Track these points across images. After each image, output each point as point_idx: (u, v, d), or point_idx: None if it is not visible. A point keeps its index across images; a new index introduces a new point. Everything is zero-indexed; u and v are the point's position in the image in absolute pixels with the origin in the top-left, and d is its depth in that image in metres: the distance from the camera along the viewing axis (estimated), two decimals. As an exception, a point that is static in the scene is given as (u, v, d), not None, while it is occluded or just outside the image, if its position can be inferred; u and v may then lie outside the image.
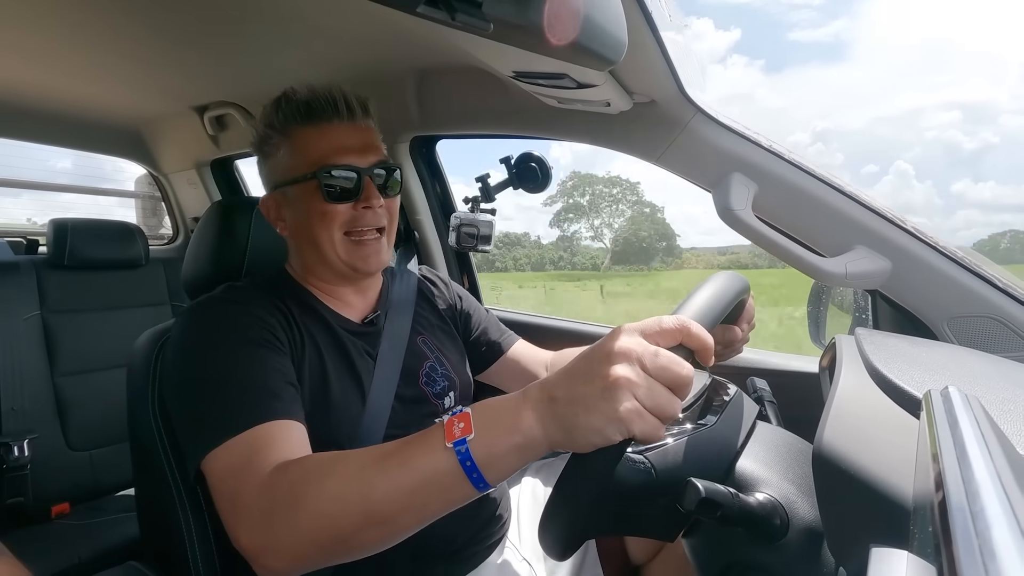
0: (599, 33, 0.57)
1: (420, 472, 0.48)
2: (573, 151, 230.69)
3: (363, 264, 0.78)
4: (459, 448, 0.46)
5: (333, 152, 0.75)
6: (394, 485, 0.48)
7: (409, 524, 0.50)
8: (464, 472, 0.46)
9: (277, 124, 0.76)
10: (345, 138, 0.76)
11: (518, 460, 0.47)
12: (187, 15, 1.02)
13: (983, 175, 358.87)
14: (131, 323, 1.64)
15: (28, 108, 1.57)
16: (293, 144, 0.76)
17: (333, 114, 0.75)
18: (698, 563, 0.59)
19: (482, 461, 0.46)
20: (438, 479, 0.47)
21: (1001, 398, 0.46)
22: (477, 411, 0.48)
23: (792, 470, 0.55)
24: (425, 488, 0.48)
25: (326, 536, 0.50)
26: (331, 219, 0.75)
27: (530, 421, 0.46)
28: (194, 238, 0.92)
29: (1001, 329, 0.78)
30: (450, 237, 1.30)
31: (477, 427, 0.47)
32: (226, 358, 0.66)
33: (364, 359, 0.80)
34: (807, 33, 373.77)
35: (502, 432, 0.46)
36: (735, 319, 0.75)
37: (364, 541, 0.51)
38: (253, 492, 0.55)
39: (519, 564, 0.85)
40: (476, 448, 0.46)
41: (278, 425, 0.61)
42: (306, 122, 0.75)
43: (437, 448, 0.47)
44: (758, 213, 0.88)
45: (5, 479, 1.36)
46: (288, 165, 0.77)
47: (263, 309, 0.73)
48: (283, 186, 0.78)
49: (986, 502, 0.22)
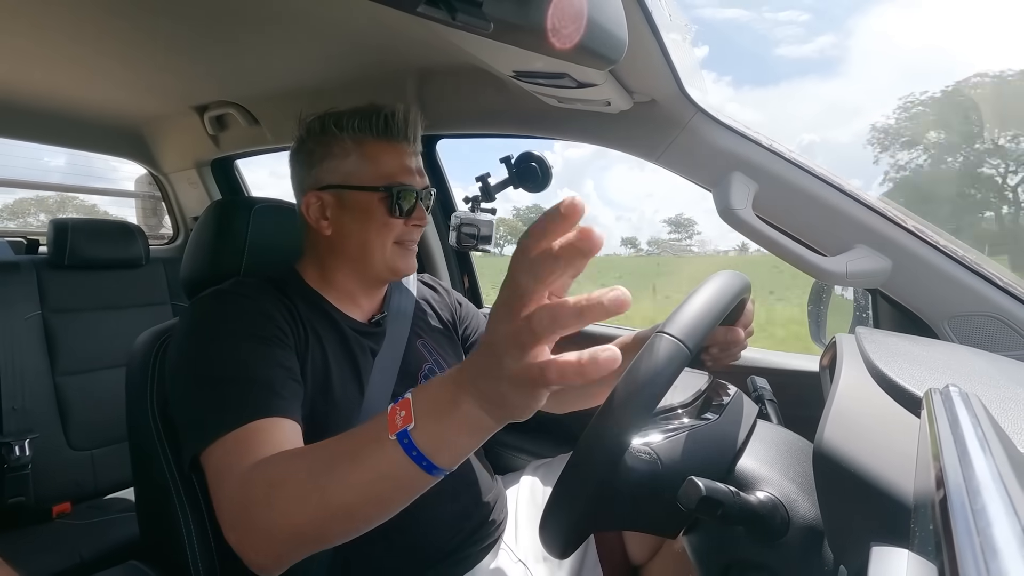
0: (600, 33, 0.57)
1: (370, 466, 0.48)
2: (565, 158, 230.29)
3: (404, 268, 0.84)
4: (403, 440, 0.45)
5: (402, 171, 0.81)
6: (348, 481, 0.48)
7: (373, 514, 0.50)
8: (414, 462, 0.45)
9: (351, 130, 0.80)
10: (409, 160, 0.83)
11: (468, 441, 0.45)
12: (187, 15, 1.02)
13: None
14: (131, 323, 1.64)
15: (28, 108, 1.57)
16: (365, 154, 0.80)
17: (403, 137, 0.82)
18: (699, 562, 0.59)
19: (428, 448, 0.45)
20: (390, 471, 0.47)
21: (1002, 397, 0.46)
22: (417, 397, 0.46)
23: (793, 469, 0.55)
24: (380, 481, 0.48)
25: (292, 535, 0.52)
26: (389, 230, 0.81)
27: (467, 404, 0.43)
28: (192, 238, 0.92)
29: (1002, 328, 0.78)
30: (450, 237, 1.30)
31: (418, 415, 0.45)
32: (231, 352, 0.67)
33: (367, 357, 0.81)
34: (793, 48, 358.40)
35: (442, 417, 0.44)
36: (735, 320, 0.75)
37: (332, 535, 0.52)
38: (233, 488, 0.57)
39: (514, 566, 0.84)
40: (419, 437, 0.45)
41: (272, 422, 0.62)
42: (380, 137, 0.81)
43: (382, 440, 0.46)
44: (758, 212, 0.88)
45: (6, 479, 1.36)
46: (355, 172, 0.80)
47: (270, 304, 0.74)
48: (344, 188, 0.80)
49: (987, 500, 0.22)
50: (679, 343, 0.53)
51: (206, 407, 0.64)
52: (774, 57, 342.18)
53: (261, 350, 0.68)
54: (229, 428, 0.60)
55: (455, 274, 1.61)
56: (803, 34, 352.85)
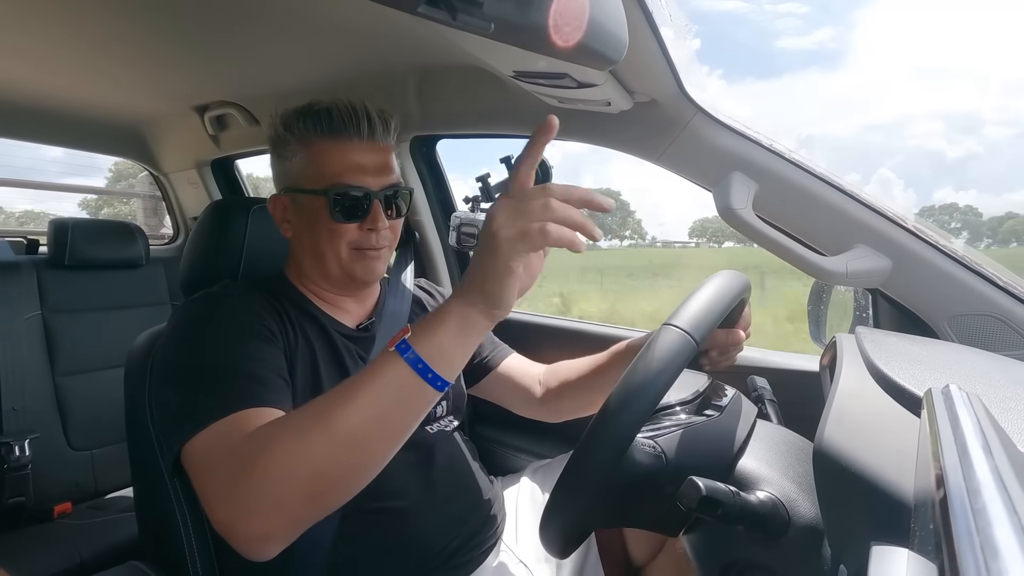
0: (600, 32, 0.57)
1: (372, 385, 0.51)
2: (564, 153, 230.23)
3: (363, 274, 0.79)
4: (402, 349, 0.50)
5: (347, 170, 0.75)
6: (350, 405, 0.50)
7: (376, 440, 0.52)
8: (413, 369, 0.50)
9: (296, 130, 0.76)
10: (361, 157, 0.75)
11: (460, 344, 0.52)
12: (188, 15, 1.02)
13: (965, 184, 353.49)
14: (131, 323, 1.64)
15: (29, 108, 1.57)
16: (310, 154, 0.76)
17: (353, 131, 0.75)
18: (699, 561, 0.59)
19: (426, 353, 0.50)
20: (390, 385, 0.51)
21: (1002, 396, 0.46)
22: (414, 324, 0.53)
23: (793, 468, 0.55)
24: (380, 397, 0.51)
25: (300, 474, 0.50)
26: (337, 236, 0.76)
27: (457, 305, 0.52)
28: (191, 238, 0.92)
29: (1002, 327, 0.78)
30: (450, 237, 1.31)
31: (414, 329, 0.52)
32: (219, 347, 0.66)
33: (356, 362, 0.80)
34: (792, 41, 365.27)
35: (436, 324, 0.51)
36: (735, 320, 0.75)
37: (338, 473, 0.51)
38: (224, 465, 0.54)
39: (515, 567, 0.84)
40: (416, 343, 0.51)
41: (262, 412, 0.60)
42: (326, 134, 0.75)
43: (383, 360, 0.51)
44: (759, 212, 0.87)
45: (7, 479, 1.36)
46: (302, 173, 0.77)
47: (259, 305, 0.73)
48: (294, 192, 0.78)
49: (987, 500, 0.22)
50: (686, 335, 0.53)
51: (192, 398, 0.61)
52: (774, 50, 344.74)
53: (250, 346, 0.67)
54: (217, 417, 0.58)
55: (455, 274, 1.61)
56: (803, 26, 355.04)
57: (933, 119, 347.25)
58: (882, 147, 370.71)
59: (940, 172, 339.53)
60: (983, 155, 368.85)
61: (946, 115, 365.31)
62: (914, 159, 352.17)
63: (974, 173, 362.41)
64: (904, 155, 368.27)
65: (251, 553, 0.52)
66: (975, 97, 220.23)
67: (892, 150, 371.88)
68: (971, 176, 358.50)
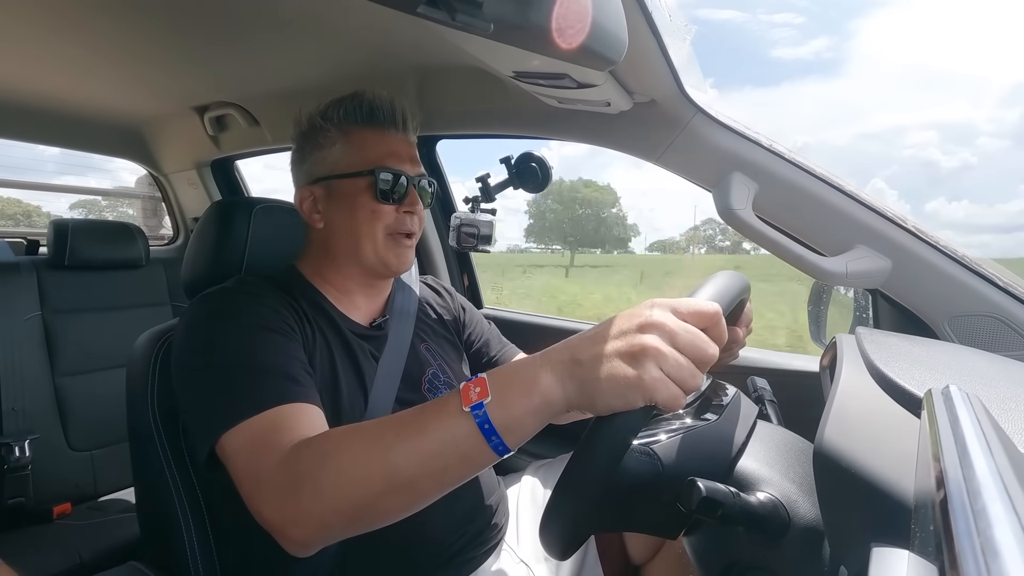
0: (600, 33, 0.57)
1: (438, 438, 0.48)
2: (561, 156, 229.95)
3: (396, 262, 0.82)
4: (476, 412, 0.47)
5: (389, 156, 0.80)
6: (413, 451, 0.49)
7: (430, 489, 0.50)
8: (483, 436, 0.47)
9: (336, 119, 0.80)
10: (399, 147, 0.81)
11: (536, 421, 0.47)
12: (187, 15, 1.02)
13: (959, 194, 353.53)
14: (132, 323, 1.63)
15: (28, 108, 1.57)
16: (350, 141, 0.80)
17: (391, 123, 0.81)
18: (699, 562, 0.59)
19: (500, 424, 0.47)
20: (456, 444, 0.48)
21: (1002, 397, 0.46)
22: (493, 375, 0.49)
23: (793, 469, 0.55)
24: (443, 454, 0.48)
25: (349, 504, 0.50)
26: (377, 217, 0.79)
27: (548, 381, 0.46)
28: (193, 239, 0.92)
29: (1002, 328, 0.78)
30: (450, 237, 1.30)
31: (493, 390, 0.47)
32: (242, 342, 0.66)
33: (369, 361, 0.80)
34: (788, 50, 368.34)
35: (519, 394, 0.47)
36: (735, 320, 0.75)
37: (387, 508, 0.51)
38: (275, 466, 0.55)
39: (516, 567, 0.84)
40: (494, 411, 0.47)
41: (298, 407, 0.61)
42: (366, 124, 0.80)
43: (454, 413, 0.48)
44: (758, 212, 0.87)
45: (6, 479, 1.36)
46: (340, 160, 0.80)
47: (276, 301, 0.73)
48: (331, 179, 0.80)
49: (987, 501, 0.22)
50: None
51: (223, 396, 0.62)
52: (770, 59, 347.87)
53: (274, 340, 0.67)
54: (253, 412, 0.59)
55: (455, 274, 1.61)
56: (798, 36, 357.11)
57: (927, 128, 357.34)
58: (877, 156, 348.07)
59: (934, 183, 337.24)
60: (977, 166, 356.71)
61: (941, 125, 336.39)
62: (908, 169, 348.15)
63: (967, 184, 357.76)
64: (899, 165, 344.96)
65: (289, 551, 0.54)
66: (969, 108, 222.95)
67: (887, 160, 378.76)
68: (964, 187, 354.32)
